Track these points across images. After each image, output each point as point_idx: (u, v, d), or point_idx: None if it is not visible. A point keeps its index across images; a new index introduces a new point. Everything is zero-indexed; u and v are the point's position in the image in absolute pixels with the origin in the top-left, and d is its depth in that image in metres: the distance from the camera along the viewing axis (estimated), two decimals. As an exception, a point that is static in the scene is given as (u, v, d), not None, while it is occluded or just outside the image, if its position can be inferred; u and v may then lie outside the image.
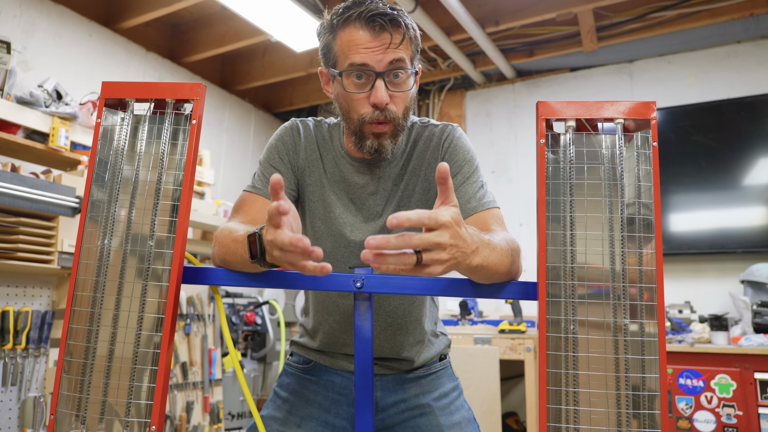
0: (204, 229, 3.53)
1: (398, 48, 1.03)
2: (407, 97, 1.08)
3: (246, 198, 1.14)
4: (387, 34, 1.02)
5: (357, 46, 1.02)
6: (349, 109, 1.08)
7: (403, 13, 1.06)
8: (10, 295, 2.33)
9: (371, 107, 1.05)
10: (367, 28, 1.02)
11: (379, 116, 1.05)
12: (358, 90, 1.05)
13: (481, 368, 2.84)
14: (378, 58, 1.02)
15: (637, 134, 0.83)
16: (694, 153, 3.45)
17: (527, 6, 3.53)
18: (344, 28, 1.04)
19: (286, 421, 1.17)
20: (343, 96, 1.08)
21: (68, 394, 0.81)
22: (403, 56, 1.04)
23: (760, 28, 3.45)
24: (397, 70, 1.04)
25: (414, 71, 1.08)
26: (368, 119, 1.06)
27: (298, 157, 1.19)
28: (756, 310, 2.77)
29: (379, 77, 1.03)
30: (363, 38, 1.02)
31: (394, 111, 1.06)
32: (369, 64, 1.02)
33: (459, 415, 1.19)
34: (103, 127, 0.89)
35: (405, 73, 1.06)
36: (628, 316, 0.77)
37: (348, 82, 1.06)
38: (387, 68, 1.03)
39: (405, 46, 1.04)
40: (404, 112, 1.09)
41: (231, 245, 0.92)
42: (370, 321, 0.90)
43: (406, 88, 1.07)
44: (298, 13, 3.30)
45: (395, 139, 1.10)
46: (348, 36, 1.03)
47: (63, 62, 3.24)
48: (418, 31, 1.09)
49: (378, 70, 1.03)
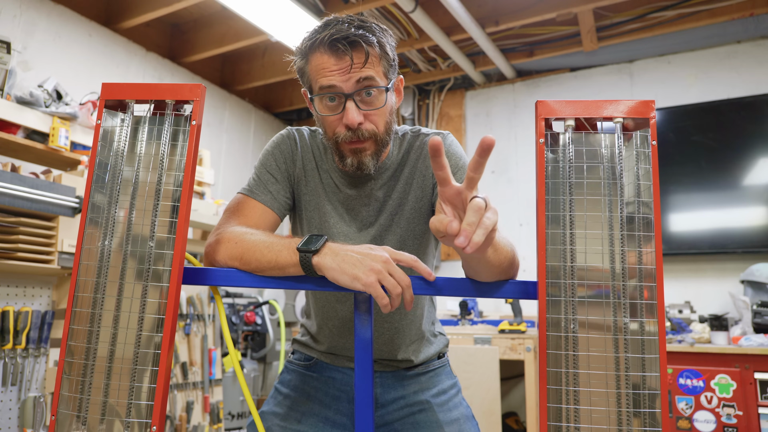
0: (204, 229, 3.53)
1: (364, 67, 1.04)
2: (385, 113, 1.09)
3: (244, 202, 1.15)
4: (347, 57, 1.03)
5: (323, 69, 1.05)
6: (326, 129, 1.11)
7: (370, 29, 1.07)
8: (10, 295, 2.33)
9: (344, 128, 1.07)
10: (330, 52, 1.04)
11: (352, 137, 1.07)
12: (330, 112, 1.08)
13: (481, 368, 2.84)
14: (344, 79, 1.04)
15: (636, 133, 0.83)
16: (694, 153, 3.45)
17: (527, 6, 3.53)
18: (313, 53, 1.07)
19: (287, 417, 1.18)
20: (319, 118, 1.11)
21: (69, 395, 0.81)
22: (371, 74, 1.05)
23: (760, 28, 3.45)
24: (367, 89, 1.05)
25: (386, 87, 1.08)
26: (341, 139, 1.08)
27: (295, 166, 1.20)
28: (756, 310, 2.77)
29: (348, 98, 1.05)
30: (328, 62, 1.05)
31: (370, 129, 1.07)
32: (336, 86, 1.04)
33: (457, 412, 1.20)
34: (103, 129, 0.89)
35: (377, 90, 1.06)
36: (628, 315, 0.77)
37: (321, 106, 1.09)
38: (356, 88, 1.04)
39: (372, 63, 1.05)
40: (385, 127, 1.10)
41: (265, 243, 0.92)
42: (370, 321, 0.90)
43: (379, 104, 1.08)
44: (298, 13, 3.30)
45: (378, 155, 1.12)
46: (316, 61, 1.06)
47: (63, 62, 3.24)
48: (390, 44, 1.10)
49: (346, 91, 1.04)
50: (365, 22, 1.08)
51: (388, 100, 1.10)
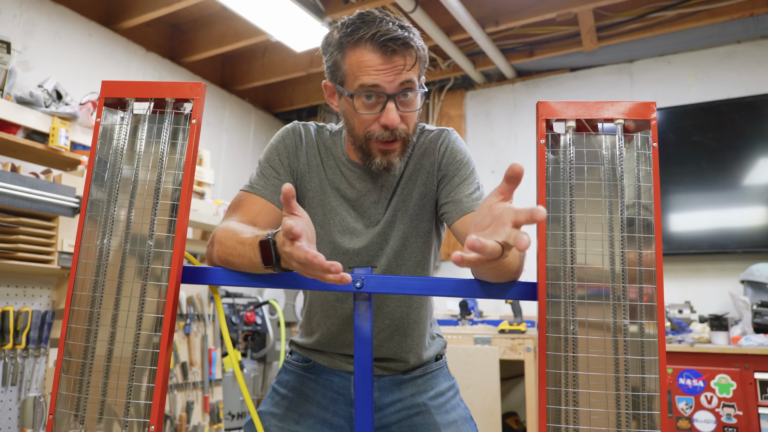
0: (204, 229, 3.53)
1: (409, 70, 1.03)
2: (416, 114, 1.10)
3: (244, 198, 1.14)
4: (400, 58, 1.02)
5: (368, 68, 1.02)
6: (357, 126, 1.08)
7: (413, 32, 1.06)
8: (10, 295, 2.33)
9: (380, 127, 1.05)
10: (379, 51, 1.01)
11: (389, 136, 1.06)
12: (368, 111, 1.05)
13: (481, 368, 2.84)
14: (389, 80, 1.02)
15: (637, 135, 0.83)
16: (694, 153, 3.45)
17: (527, 6, 3.53)
18: (354, 49, 1.03)
19: (285, 417, 1.18)
20: (350, 113, 1.08)
21: (67, 394, 0.81)
22: (413, 77, 1.04)
23: (760, 28, 3.45)
24: (406, 91, 1.04)
25: (424, 90, 1.08)
26: (376, 138, 1.07)
27: (299, 161, 1.19)
28: (756, 310, 2.77)
29: (390, 99, 1.03)
30: (374, 60, 1.01)
31: (405, 130, 1.07)
32: (380, 85, 1.02)
33: (455, 414, 1.20)
34: (102, 127, 0.89)
35: (414, 93, 1.06)
36: (628, 317, 0.77)
37: (358, 103, 1.05)
38: (398, 90, 1.03)
39: (415, 67, 1.05)
40: (414, 129, 1.11)
41: (237, 247, 0.92)
42: (370, 321, 0.90)
43: (415, 107, 1.08)
44: (298, 13, 3.30)
45: (404, 155, 1.12)
46: (358, 57, 1.02)
47: (63, 62, 3.24)
48: (426, 49, 1.10)
49: (389, 92, 1.03)
50: (404, 22, 1.07)
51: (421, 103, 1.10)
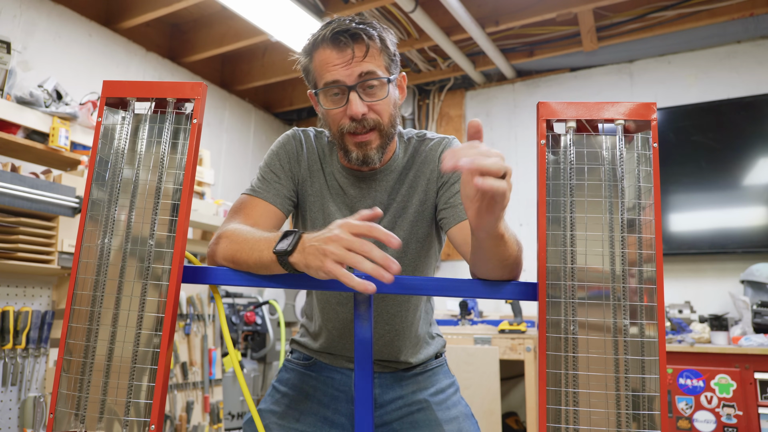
0: (204, 229, 3.53)
1: (364, 60, 1.07)
2: (388, 105, 1.12)
3: (246, 201, 1.15)
4: (349, 50, 1.07)
5: (327, 64, 1.08)
6: (331, 124, 1.13)
7: (373, 26, 1.10)
8: (10, 295, 2.33)
9: (348, 119, 1.09)
10: (332, 46, 1.08)
11: (357, 127, 1.09)
12: (335, 105, 1.10)
13: (481, 368, 2.84)
14: (347, 73, 1.07)
15: (637, 135, 0.83)
16: (694, 153, 3.45)
17: (527, 6, 3.53)
18: (316, 50, 1.10)
19: (285, 415, 1.18)
20: (324, 113, 1.13)
21: (67, 393, 0.81)
22: (372, 68, 1.08)
23: (760, 28, 3.45)
24: (369, 81, 1.08)
25: (388, 78, 1.10)
26: (346, 130, 1.10)
27: (300, 166, 1.21)
28: (756, 310, 2.77)
29: (351, 90, 1.07)
30: (332, 56, 1.08)
31: (375, 119, 1.10)
32: (339, 79, 1.07)
33: (456, 410, 1.21)
34: (103, 126, 0.89)
35: (378, 82, 1.09)
36: (628, 318, 0.77)
37: (325, 100, 1.12)
38: (357, 81, 1.07)
39: (372, 57, 1.08)
40: (389, 119, 1.12)
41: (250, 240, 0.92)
42: (370, 321, 0.90)
43: (381, 96, 1.10)
44: (298, 13, 3.30)
45: (383, 148, 1.13)
46: (319, 57, 1.10)
47: (63, 62, 3.24)
48: (390, 39, 1.13)
49: (349, 83, 1.08)
50: (366, 20, 1.12)
51: (391, 93, 1.12)
